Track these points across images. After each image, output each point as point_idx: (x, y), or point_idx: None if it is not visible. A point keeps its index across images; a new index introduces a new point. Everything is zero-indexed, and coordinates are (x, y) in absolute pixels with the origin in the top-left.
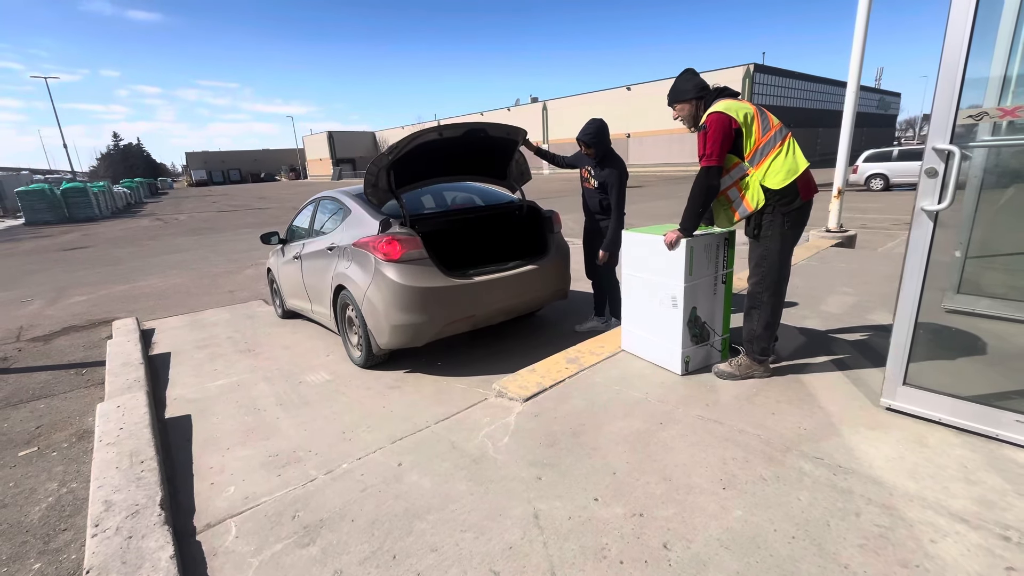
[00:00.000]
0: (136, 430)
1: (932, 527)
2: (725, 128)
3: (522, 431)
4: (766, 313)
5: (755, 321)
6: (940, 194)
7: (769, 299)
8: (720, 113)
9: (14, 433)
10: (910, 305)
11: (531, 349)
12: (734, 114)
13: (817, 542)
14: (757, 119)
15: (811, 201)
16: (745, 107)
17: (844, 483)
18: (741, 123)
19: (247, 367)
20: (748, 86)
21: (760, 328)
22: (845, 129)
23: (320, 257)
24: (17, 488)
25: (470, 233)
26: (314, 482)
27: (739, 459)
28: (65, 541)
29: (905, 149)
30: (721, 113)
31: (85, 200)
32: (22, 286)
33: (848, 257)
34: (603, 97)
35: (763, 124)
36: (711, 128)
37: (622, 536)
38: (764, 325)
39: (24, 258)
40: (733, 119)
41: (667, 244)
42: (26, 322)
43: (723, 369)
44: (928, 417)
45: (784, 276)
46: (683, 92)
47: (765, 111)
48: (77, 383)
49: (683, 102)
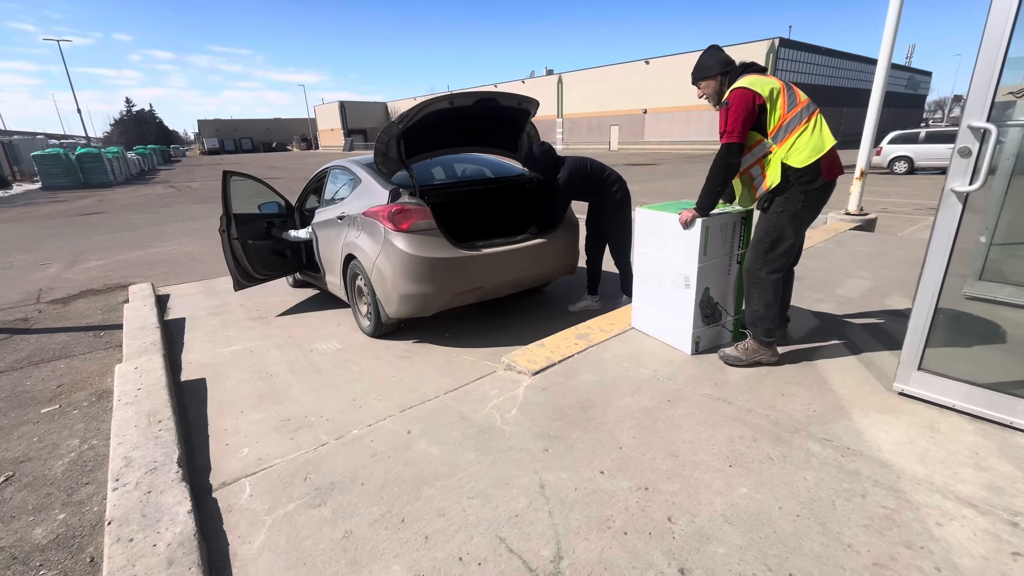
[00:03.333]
0: (153, 391)
1: (939, 510)
2: (748, 104)
3: (530, 404)
4: (767, 293)
5: (755, 301)
6: (972, 175)
7: (767, 276)
8: (743, 88)
9: (36, 391)
10: (931, 289)
11: (540, 324)
12: (759, 89)
13: (821, 521)
14: (783, 94)
15: (834, 182)
16: (771, 82)
17: (852, 465)
18: (766, 98)
19: (260, 334)
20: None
21: (761, 307)
22: (872, 109)
23: (331, 227)
24: (41, 443)
25: (479, 205)
26: (325, 446)
27: (746, 438)
28: (88, 494)
29: (933, 131)
30: (744, 88)
31: (100, 166)
32: (40, 249)
33: (867, 241)
34: (620, 71)
35: (789, 100)
36: (733, 104)
37: (627, 508)
38: (764, 304)
39: (41, 222)
40: (757, 94)
41: (682, 223)
42: (45, 285)
43: (729, 353)
44: (941, 403)
45: (787, 255)
46: (707, 68)
47: (793, 87)
48: (96, 345)
49: (708, 79)
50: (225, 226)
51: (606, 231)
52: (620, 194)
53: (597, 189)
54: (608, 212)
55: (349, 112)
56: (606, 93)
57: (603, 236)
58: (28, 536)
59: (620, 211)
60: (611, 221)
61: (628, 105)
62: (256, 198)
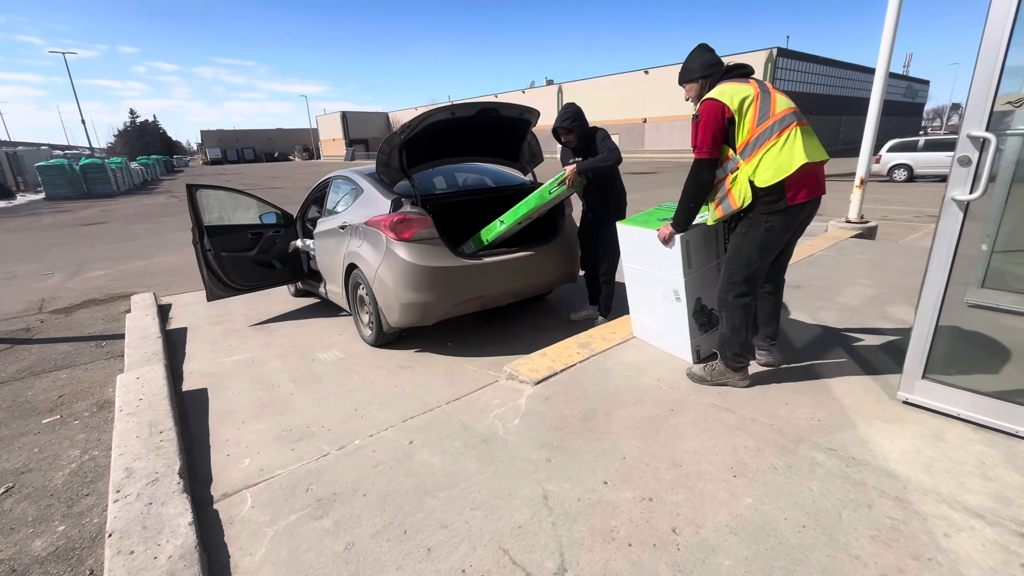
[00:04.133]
0: (155, 401)
1: (946, 521)
2: (716, 117)
3: (532, 413)
4: (733, 316)
5: (723, 324)
6: (972, 183)
7: (733, 300)
8: (712, 100)
9: (38, 401)
10: (934, 298)
11: (541, 333)
12: (728, 100)
13: (828, 532)
14: (755, 106)
15: (804, 205)
16: (744, 91)
17: (857, 475)
18: (735, 111)
19: (261, 343)
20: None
21: (728, 331)
22: (871, 117)
23: (332, 236)
24: (42, 454)
25: (481, 214)
26: (327, 457)
27: (750, 448)
28: (88, 505)
29: (932, 139)
30: (714, 100)
31: (103, 176)
32: (43, 259)
33: (868, 248)
34: (620, 80)
35: (761, 112)
36: (702, 117)
37: (631, 519)
38: (731, 328)
39: (45, 232)
40: (726, 107)
41: (661, 240)
42: (47, 295)
43: (695, 372)
44: (947, 412)
45: (753, 279)
46: (690, 71)
47: (772, 95)
48: (97, 355)
49: (690, 82)
50: (197, 238)
51: (599, 239)
52: (620, 203)
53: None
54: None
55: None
56: (606, 102)
57: (596, 246)
58: (28, 548)
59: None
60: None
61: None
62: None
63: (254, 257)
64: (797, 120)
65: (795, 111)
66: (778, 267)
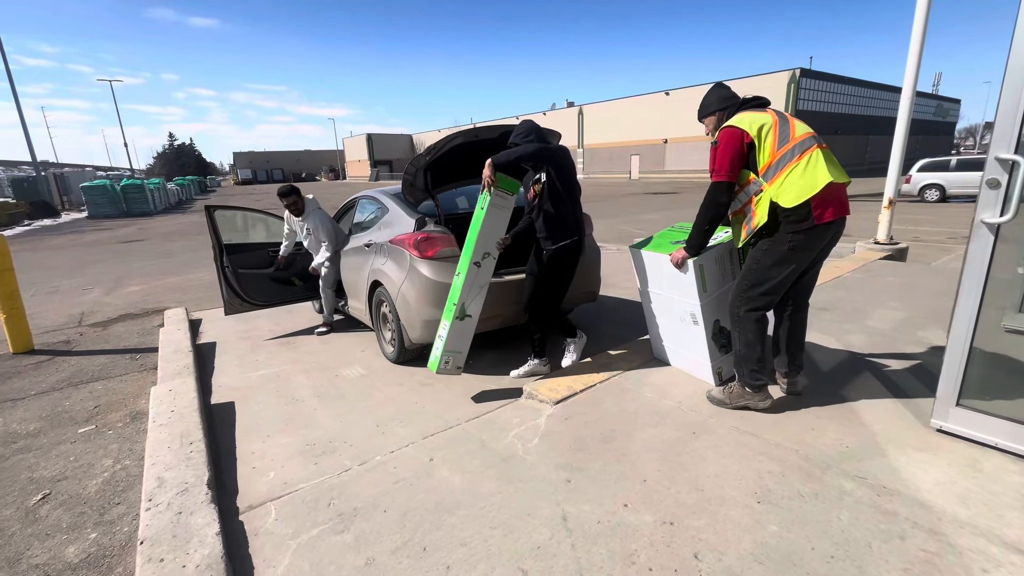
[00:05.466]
0: (186, 413)
1: (984, 556)
2: (735, 142)
3: (552, 433)
4: (746, 332)
5: (737, 341)
6: (1003, 206)
7: (745, 314)
8: (731, 127)
9: (75, 411)
10: (966, 322)
11: (560, 353)
12: (747, 127)
13: (858, 564)
14: (774, 131)
15: (831, 225)
16: (763, 118)
17: (889, 505)
18: (754, 136)
19: (286, 359)
20: (793, 91)
21: (743, 347)
22: (898, 136)
23: (358, 254)
24: (77, 462)
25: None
26: (349, 472)
27: (775, 473)
28: (119, 514)
29: (964, 159)
30: (732, 127)
31: (142, 196)
32: (84, 275)
33: (898, 271)
34: (640, 102)
35: (780, 136)
36: (721, 143)
37: (652, 543)
38: (745, 344)
39: (86, 249)
40: (745, 132)
41: (674, 264)
42: (87, 308)
43: (714, 396)
44: (983, 441)
45: (769, 295)
46: (707, 106)
47: (790, 121)
48: (131, 367)
49: (708, 115)
50: (217, 255)
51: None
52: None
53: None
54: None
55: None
56: (626, 124)
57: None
58: (61, 554)
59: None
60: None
61: (648, 135)
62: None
63: (271, 274)
64: (817, 143)
65: (814, 135)
66: (802, 289)
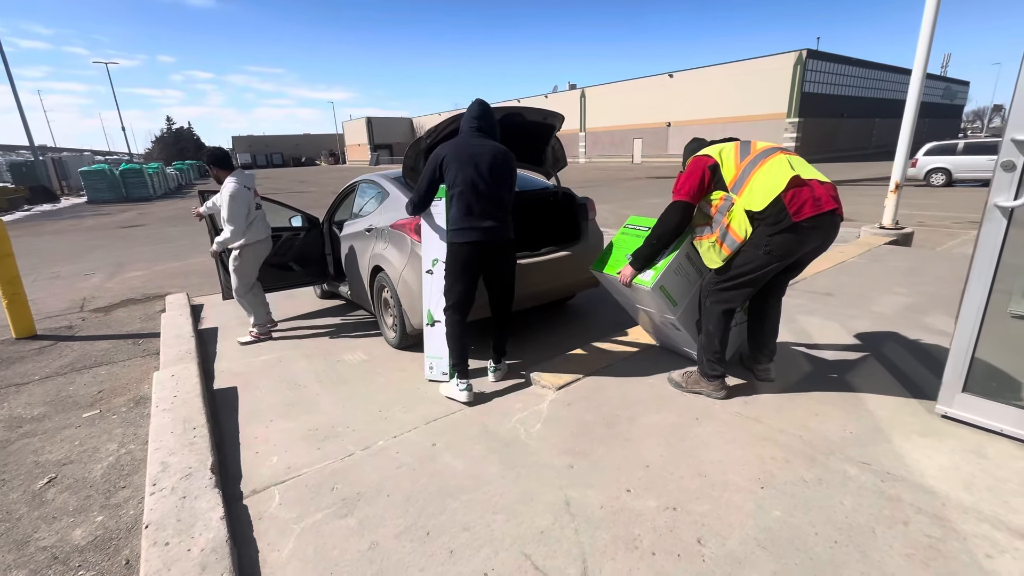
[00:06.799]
0: (189, 398)
1: (988, 541)
2: (700, 167)
3: (555, 419)
4: (708, 322)
5: (702, 330)
6: (1018, 189)
7: (711, 305)
8: (697, 156)
9: (79, 396)
10: (975, 307)
11: (564, 338)
12: (710, 152)
13: (861, 548)
14: (735, 149)
15: (813, 223)
16: (725, 145)
17: (893, 490)
18: (717, 158)
19: (288, 344)
20: (800, 73)
21: (704, 338)
22: (907, 119)
23: (358, 238)
24: (82, 447)
25: None
26: (352, 457)
27: (778, 459)
28: (125, 497)
29: (972, 142)
30: (698, 155)
31: (141, 181)
32: (85, 260)
33: (903, 256)
34: (643, 84)
35: (742, 151)
36: (687, 168)
37: (655, 528)
38: (706, 334)
39: (86, 234)
40: (709, 157)
41: (623, 283)
42: (89, 294)
43: (674, 378)
44: (988, 427)
45: (737, 291)
46: (685, 159)
47: (752, 142)
48: (134, 352)
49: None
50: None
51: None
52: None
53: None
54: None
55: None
56: (629, 107)
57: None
58: (68, 537)
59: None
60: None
61: (651, 118)
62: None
63: (268, 259)
64: (781, 151)
65: (777, 147)
66: (780, 283)
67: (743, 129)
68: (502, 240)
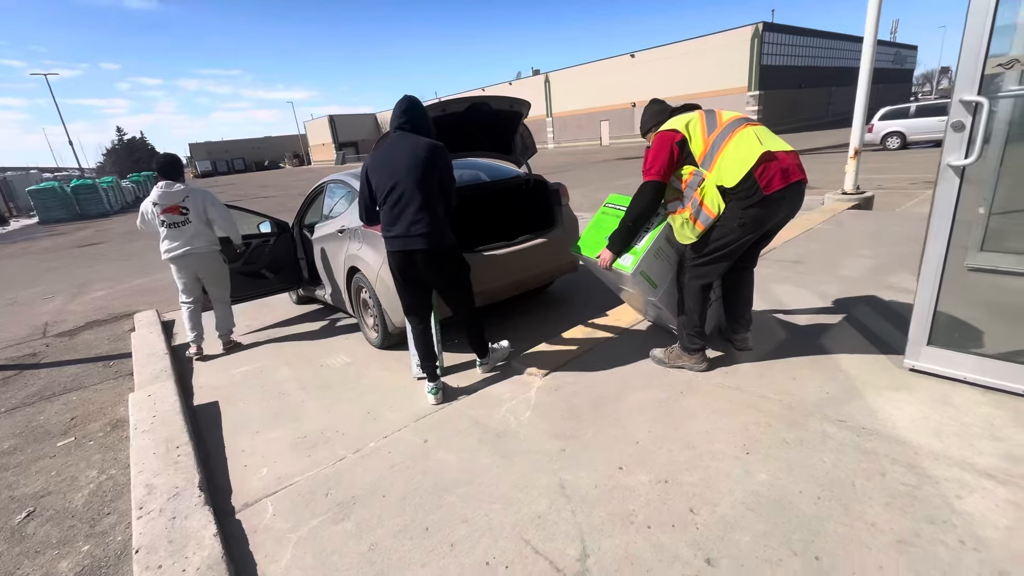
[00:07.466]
0: (168, 417)
1: (959, 484)
2: (666, 143)
3: (543, 405)
4: (689, 298)
5: (682, 306)
6: (967, 148)
7: (689, 281)
8: (662, 131)
9: (51, 425)
10: (935, 265)
11: (547, 325)
12: (675, 126)
13: (843, 502)
14: (701, 122)
15: (782, 193)
16: (689, 116)
17: (868, 444)
18: (683, 132)
19: (268, 353)
20: (757, 47)
21: (684, 314)
22: (862, 86)
23: (331, 240)
24: (59, 476)
25: (477, 209)
26: (343, 461)
27: (761, 424)
28: (110, 524)
29: (923, 105)
30: (663, 130)
31: (95, 196)
32: (43, 283)
33: (865, 219)
34: (606, 66)
35: (708, 124)
36: (654, 145)
37: (648, 502)
38: (687, 310)
39: (42, 256)
40: (675, 131)
41: (603, 267)
42: (50, 318)
43: (656, 355)
44: (953, 376)
45: (713, 265)
46: (645, 124)
47: (716, 112)
48: (106, 375)
49: (648, 132)
50: None
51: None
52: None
53: None
54: None
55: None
56: (594, 89)
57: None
58: (54, 570)
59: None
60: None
61: (616, 100)
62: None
63: (238, 268)
64: (747, 122)
65: (743, 118)
66: (753, 254)
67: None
68: (430, 247)
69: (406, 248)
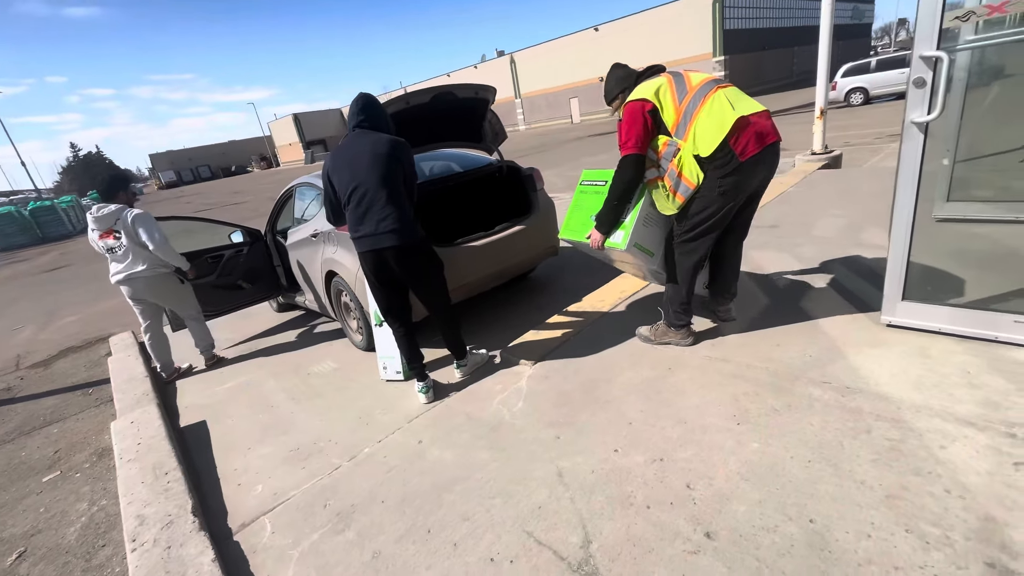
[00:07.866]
0: (154, 443)
1: (940, 434)
2: (637, 113)
3: (535, 394)
4: (677, 273)
5: (670, 281)
6: (930, 103)
7: (680, 259)
8: (631, 101)
9: (33, 460)
10: (904, 221)
11: (531, 312)
12: (645, 95)
13: (832, 463)
14: (671, 88)
15: (758, 158)
16: (657, 82)
17: (853, 403)
18: (654, 100)
19: (253, 366)
20: (719, 11)
21: (671, 289)
22: (823, 44)
23: (306, 245)
24: (48, 513)
25: (452, 201)
26: (339, 470)
27: (750, 393)
28: (106, 556)
29: (883, 58)
30: (632, 100)
31: (55, 218)
32: (8, 315)
33: (835, 178)
34: (571, 42)
35: (678, 90)
36: (625, 117)
37: (645, 482)
38: (672, 286)
39: (5, 285)
40: (645, 101)
41: (595, 248)
42: (22, 350)
43: (642, 333)
44: (929, 329)
45: (701, 239)
46: (610, 91)
47: (685, 75)
48: (86, 403)
49: (613, 99)
50: None
51: None
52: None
53: None
54: None
55: (304, 123)
56: (561, 67)
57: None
58: None
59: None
60: None
61: (584, 75)
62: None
63: (213, 282)
64: (717, 85)
65: (713, 80)
66: (742, 222)
67: None
68: (401, 244)
69: (376, 247)
